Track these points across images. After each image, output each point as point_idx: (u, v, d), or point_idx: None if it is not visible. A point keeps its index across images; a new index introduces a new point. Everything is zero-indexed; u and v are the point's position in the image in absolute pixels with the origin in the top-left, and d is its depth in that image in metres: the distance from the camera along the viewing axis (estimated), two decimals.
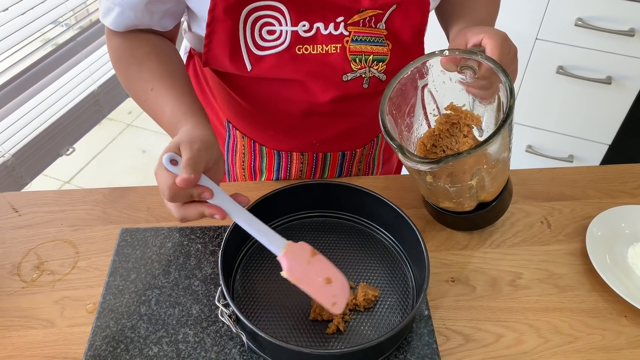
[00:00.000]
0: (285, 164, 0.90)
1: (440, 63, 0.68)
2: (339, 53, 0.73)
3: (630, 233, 0.79)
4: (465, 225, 0.80)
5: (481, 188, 0.71)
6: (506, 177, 0.74)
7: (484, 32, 0.66)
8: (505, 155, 0.69)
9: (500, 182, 0.73)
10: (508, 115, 0.61)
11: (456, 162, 0.61)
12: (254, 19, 0.70)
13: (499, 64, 0.63)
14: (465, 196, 0.72)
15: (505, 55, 0.65)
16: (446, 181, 0.69)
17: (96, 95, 1.75)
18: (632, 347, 0.67)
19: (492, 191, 0.73)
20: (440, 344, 0.66)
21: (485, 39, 0.65)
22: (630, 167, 0.94)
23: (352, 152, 0.91)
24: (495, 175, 0.70)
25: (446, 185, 0.70)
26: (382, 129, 0.66)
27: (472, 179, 0.68)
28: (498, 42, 0.64)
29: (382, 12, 0.72)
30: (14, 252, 0.76)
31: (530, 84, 1.76)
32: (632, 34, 1.52)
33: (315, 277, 0.63)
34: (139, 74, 0.73)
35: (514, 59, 0.68)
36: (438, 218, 0.81)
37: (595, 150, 1.84)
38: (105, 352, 0.64)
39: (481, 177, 0.68)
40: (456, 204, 0.74)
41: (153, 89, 0.71)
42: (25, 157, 1.54)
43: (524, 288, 0.73)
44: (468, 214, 0.76)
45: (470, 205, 0.75)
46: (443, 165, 0.61)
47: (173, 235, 0.78)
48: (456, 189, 0.70)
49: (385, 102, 0.68)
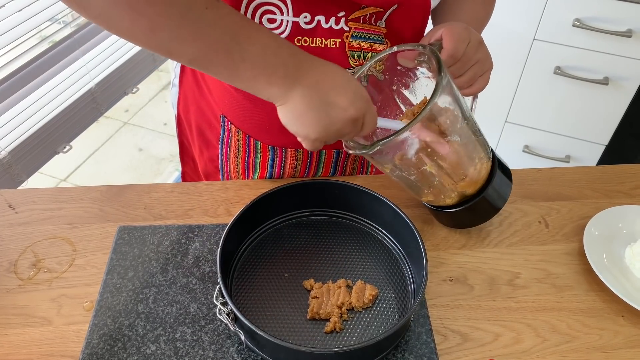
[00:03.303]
0: (279, 160, 0.90)
1: (397, 59, 0.70)
2: (338, 48, 0.73)
3: (628, 233, 0.80)
4: (454, 221, 0.79)
5: (446, 177, 0.70)
6: (480, 165, 0.72)
7: (443, 26, 0.68)
8: (457, 139, 0.67)
9: (474, 172, 0.71)
10: (432, 96, 0.60)
11: (386, 145, 0.61)
12: (256, 6, 0.70)
13: (433, 50, 0.63)
14: (433, 185, 0.72)
15: (463, 44, 0.67)
16: (401, 169, 0.69)
17: (93, 93, 1.74)
18: (629, 346, 0.67)
19: (466, 181, 0.72)
20: (438, 343, 0.66)
21: (443, 31, 0.68)
22: (627, 168, 0.94)
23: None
24: (456, 163, 0.69)
25: (404, 174, 0.70)
26: None
27: (422, 164, 0.67)
28: (454, 32, 0.66)
29: (383, 10, 0.72)
30: (11, 250, 0.75)
31: (527, 84, 1.77)
32: (629, 34, 1.53)
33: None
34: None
35: (479, 48, 0.70)
36: (432, 214, 0.81)
37: (592, 151, 1.85)
38: (103, 350, 0.63)
39: (436, 164, 0.68)
40: (434, 195, 0.74)
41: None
42: (22, 154, 1.53)
43: (522, 287, 0.73)
44: (453, 209, 0.76)
45: (450, 197, 0.74)
46: (375, 149, 0.62)
47: (171, 233, 0.78)
48: (415, 177, 0.70)
49: None
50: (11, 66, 1.51)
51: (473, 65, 0.70)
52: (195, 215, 0.82)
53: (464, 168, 0.71)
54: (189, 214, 0.82)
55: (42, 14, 1.51)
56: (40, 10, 1.50)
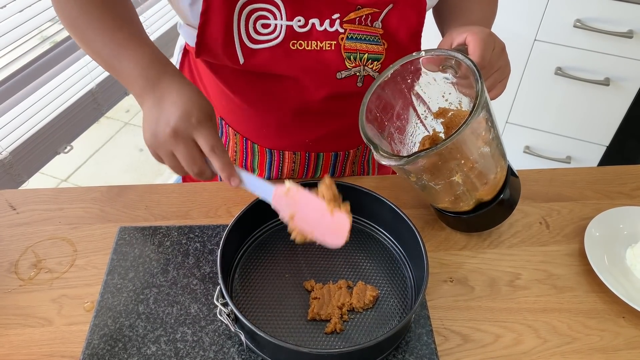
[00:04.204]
0: (277, 162, 0.90)
1: (422, 64, 0.68)
2: (334, 50, 0.73)
3: (629, 234, 0.79)
4: (468, 226, 0.79)
5: (471, 185, 0.70)
6: (500, 174, 0.73)
7: (468, 31, 0.66)
8: (487, 151, 0.68)
9: (494, 180, 0.72)
10: (475, 109, 0.60)
11: (427, 158, 0.61)
12: (249, 12, 0.70)
13: (470, 59, 0.63)
14: (456, 194, 0.72)
15: (489, 51, 0.65)
16: (429, 179, 0.69)
17: (94, 94, 1.74)
18: (630, 347, 0.67)
19: (485, 189, 0.73)
20: (438, 344, 0.66)
21: (468, 37, 0.66)
22: (628, 169, 0.94)
23: (345, 153, 0.91)
24: (481, 172, 0.69)
25: (431, 184, 0.70)
26: (360, 128, 0.67)
27: (453, 175, 0.68)
28: (480, 38, 0.65)
29: (378, 10, 0.72)
30: (12, 250, 0.75)
31: (528, 85, 1.76)
32: (630, 35, 1.52)
33: (305, 225, 0.64)
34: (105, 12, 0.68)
35: (502, 55, 0.69)
36: (442, 219, 0.81)
37: (593, 152, 1.85)
38: (103, 351, 0.63)
39: (465, 174, 0.68)
40: (451, 203, 0.74)
41: (125, 25, 0.67)
42: (23, 154, 1.53)
43: (523, 288, 0.73)
44: (468, 214, 0.76)
45: (467, 204, 0.74)
46: (413, 160, 0.61)
47: (171, 234, 0.78)
48: (441, 186, 0.70)
49: (365, 104, 0.68)
50: (12, 66, 1.51)
51: (495, 72, 0.69)
52: (195, 216, 0.82)
53: (488, 176, 0.71)
54: (189, 215, 0.82)
55: (43, 15, 1.51)
56: (42, 11, 1.50)
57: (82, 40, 0.68)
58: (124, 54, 0.65)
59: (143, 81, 0.64)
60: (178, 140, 0.60)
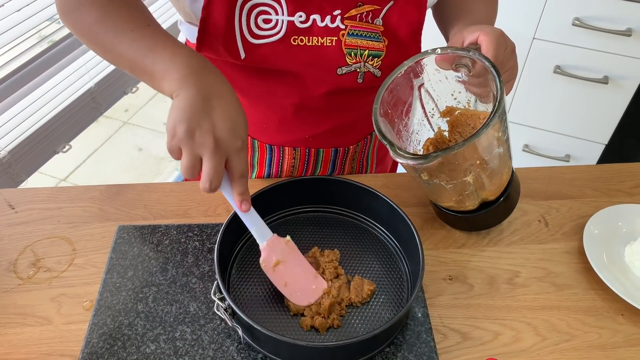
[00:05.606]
0: (277, 158, 0.90)
1: (435, 61, 0.68)
2: (334, 46, 0.74)
3: (627, 232, 0.80)
4: (469, 225, 0.79)
5: (480, 185, 0.71)
6: (507, 174, 0.74)
7: (480, 30, 0.66)
8: (501, 151, 0.68)
9: (501, 180, 0.73)
10: (497, 110, 0.60)
11: (445, 157, 0.61)
12: (251, 7, 0.70)
13: (489, 59, 0.63)
14: (464, 194, 0.72)
15: (501, 51, 0.65)
16: (441, 178, 0.69)
17: (93, 93, 1.74)
18: (628, 345, 0.67)
19: (492, 189, 0.73)
20: (438, 342, 0.66)
21: (480, 36, 0.65)
22: (627, 167, 0.94)
23: (345, 149, 0.91)
24: (492, 172, 0.70)
25: (442, 183, 0.70)
26: (374, 124, 0.67)
27: (466, 175, 0.68)
28: (493, 38, 0.64)
29: (379, 7, 0.73)
30: (11, 249, 0.75)
31: (527, 83, 1.76)
32: (629, 33, 1.52)
33: (283, 276, 0.67)
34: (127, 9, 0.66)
35: (512, 55, 0.69)
36: (442, 217, 0.81)
37: (592, 150, 1.85)
38: (102, 350, 0.63)
39: (477, 174, 0.68)
40: (457, 202, 0.74)
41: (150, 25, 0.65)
42: (21, 154, 1.53)
43: (522, 286, 0.73)
44: (472, 214, 0.76)
45: (472, 204, 0.74)
46: (432, 160, 0.61)
47: (170, 233, 0.78)
48: (452, 186, 0.70)
49: (379, 99, 0.68)
50: (10, 66, 1.50)
51: (505, 72, 0.68)
52: (194, 215, 0.82)
53: (499, 177, 0.72)
54: (188, 213, 0.82)
55: (41, 14, 1.51)
56: (40, 10, 1.50)
57: (102, 46, 0.66)
58: (157, 49, 0.62)
59: (186, 69, 0.59)
60: (215, 151, 0.56)
